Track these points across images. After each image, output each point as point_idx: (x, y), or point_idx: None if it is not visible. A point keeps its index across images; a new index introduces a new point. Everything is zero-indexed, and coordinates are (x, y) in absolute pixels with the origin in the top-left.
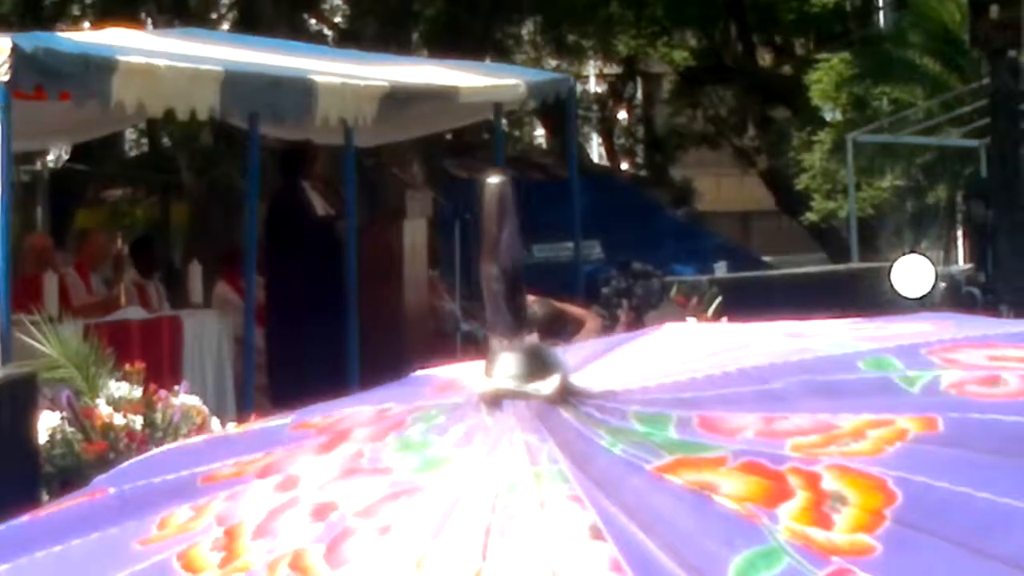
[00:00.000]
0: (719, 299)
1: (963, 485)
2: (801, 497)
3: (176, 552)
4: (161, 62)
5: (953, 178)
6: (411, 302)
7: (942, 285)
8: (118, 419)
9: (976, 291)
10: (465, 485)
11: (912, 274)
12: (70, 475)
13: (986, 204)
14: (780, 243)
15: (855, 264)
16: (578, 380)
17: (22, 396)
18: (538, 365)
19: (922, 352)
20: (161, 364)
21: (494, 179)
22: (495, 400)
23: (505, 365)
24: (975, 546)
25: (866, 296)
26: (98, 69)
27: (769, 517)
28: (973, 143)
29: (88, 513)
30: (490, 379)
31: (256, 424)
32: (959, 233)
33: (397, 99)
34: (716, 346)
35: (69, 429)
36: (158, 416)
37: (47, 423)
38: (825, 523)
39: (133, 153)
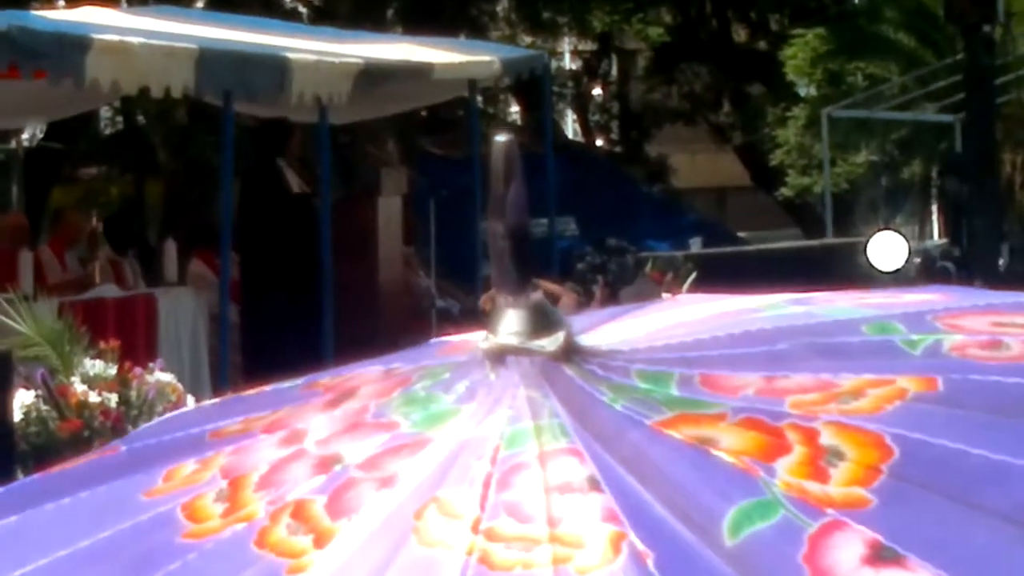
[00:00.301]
0: (694, 275)
1: (960, 442)
2: (798, 452)
3: (180, 503)
4: (135, 40)
5: (928, 153)
6: (386, 279)
7: (916, 260)
8: (93, 397)
9: (950, 265)
10: (467, 438)
11: (886, 249)
12: (45, 453)
13: (961, 179)
14: (755, 219)
15: (830, 239)
16: (584, 340)
17: None
18: (543, 322)
19: (927, 318)
20: (136, 342)
21: (501, 137)
22: (499, 356)
23: (510, 322)
24: (970, 500)
25: (841, 271)
26: (72, 47)
27: (766, 471)
28: (948, 118)
29: (97, 468)
30: (494, 336)
31: (269, 386)
32: (934, 208)
33: (372, 76)
34: (724, 311)
35: (44, 407)
36: (133, 394)
37: (22, 401)
38: (821, 477)
39: (108, 131)
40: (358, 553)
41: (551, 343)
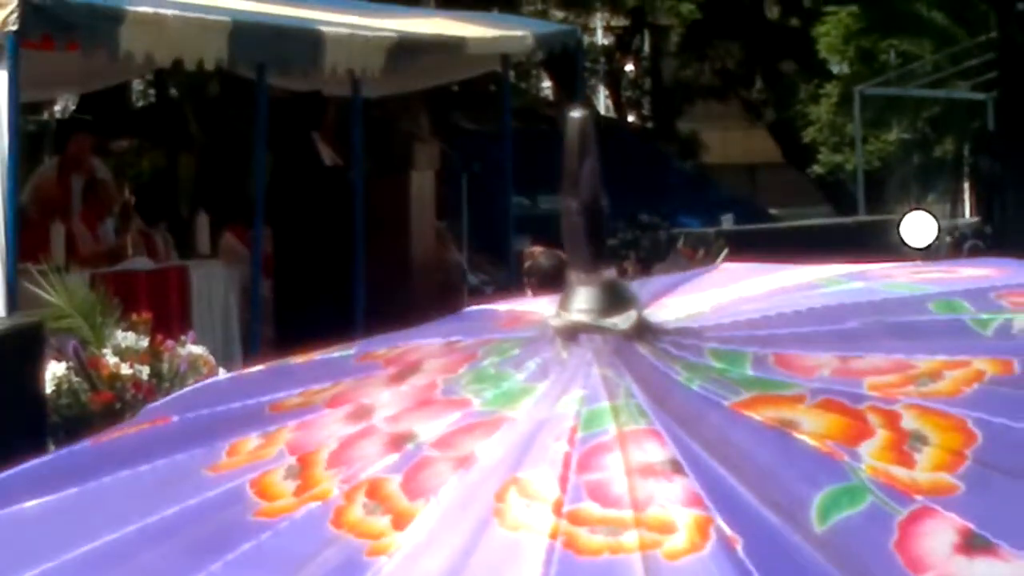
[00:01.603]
0: (726, 251)
1: None
2: (881, 436)
3: (249, 479)
4: (169, 12)
5: (960, 131)
6: (418, 253)
7: (947, 238)
8: (124, 369)
9: (981, 243)
10: (543, 418)
11: (918, 227)
12: (76, 425)
13: (993, 157)
14: (787, 195)
15: (862, 216)
16: (652, 316)
17: (29, 345)
18: (615, 300)
19: (991, 295)
20: (168, 314)
21: (576, 112)
22: (571, 334)
23: (582, 299)
24: None
25: (872, 248)
26: (106, 19)
27: (851, 455)
28: (980, 96)
29: (153, 439)
30: (566, 313)
31: (316, 355)
32: (966, 186)
33: (405, 50)
34: (783, 286)
35: (75, 379)
36: (164, 366)
37: (53, 373)
38: (907, 462)
39: (140, 104)
40: (439, 535)
41: (624, 321)
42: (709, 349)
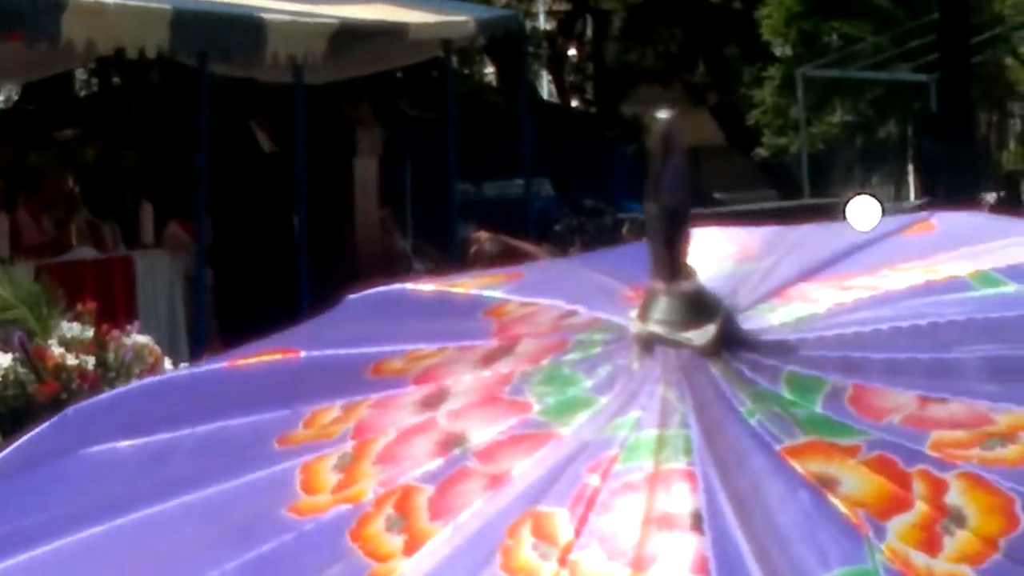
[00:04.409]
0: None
1: None
2: (919, 510)
3: (302, 462)
4: (110, 0)
5: (903, 113)
6: (362, 240)
7: None
8: (70, 360)
9: None
10: (588, 440)
11: (863, 212)
12: (22, 416)
13: (936, 139)
14: (731, 179)
15: (807, 200)
16: (752, 321)
17: None
18: (697, 312)
19: None
20: (113, 304)
21: (662, 114)
22: (647, 344)
23: (660, 309)
24: None
25: None
26: (47, 8)
27: (876, 530)
28: (923, 78)
29: (259, 383)
30: (643, 323)
31: (449, 283)
32: (910, 168)
33: (346, 36)
34: (935, 277)
35: (21, 370)
36: (110, 356)
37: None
38: (933, 547)
39: (84, 93)
40: (441, 570)
41: (700, 336)
42: (787, 373)
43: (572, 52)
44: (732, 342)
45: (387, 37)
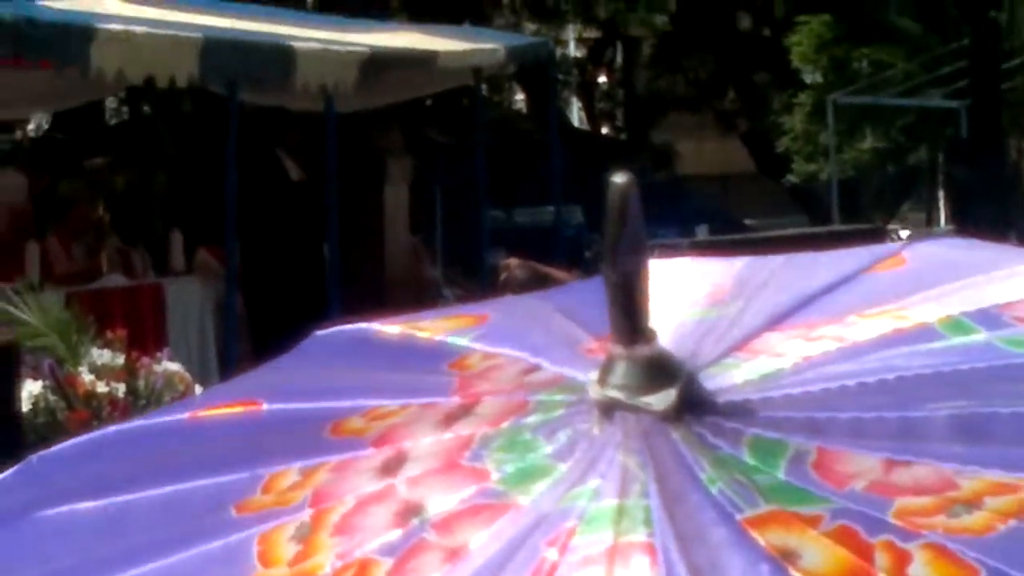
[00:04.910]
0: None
1: None
2: None
3: (260, 532)
4: (140, 29)
5: (934, 140)
6: (393, 268)
7: None
8: (101, 387)
9: None
10: (546, 512)
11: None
12: (53, 444)
13: (967, 165)
14: (761, 206)
15: (837, 226)
16: (714, 380)
17: (4, 364)
18: (657, 376)
19: None
20: (143, 332)
21: (618, 178)
22: (607, 410)
23: (620, 373)
24: None
25: None
26: (77, 37)
27: None
28: (954, 104)
29: (219, 438)
30: (602, 387)
31: (436, 329)
32: (940, 195)
33: (377, 65)
34: (903, 326)
35: (52, 397)
36: (140, 383)
37: (30, 391)
38: None
39: (114, 122)
40: None
41: (661, 400)
42: (749, 437)
43: (602, 79)
44: (694, 405)
45: (417, 65)
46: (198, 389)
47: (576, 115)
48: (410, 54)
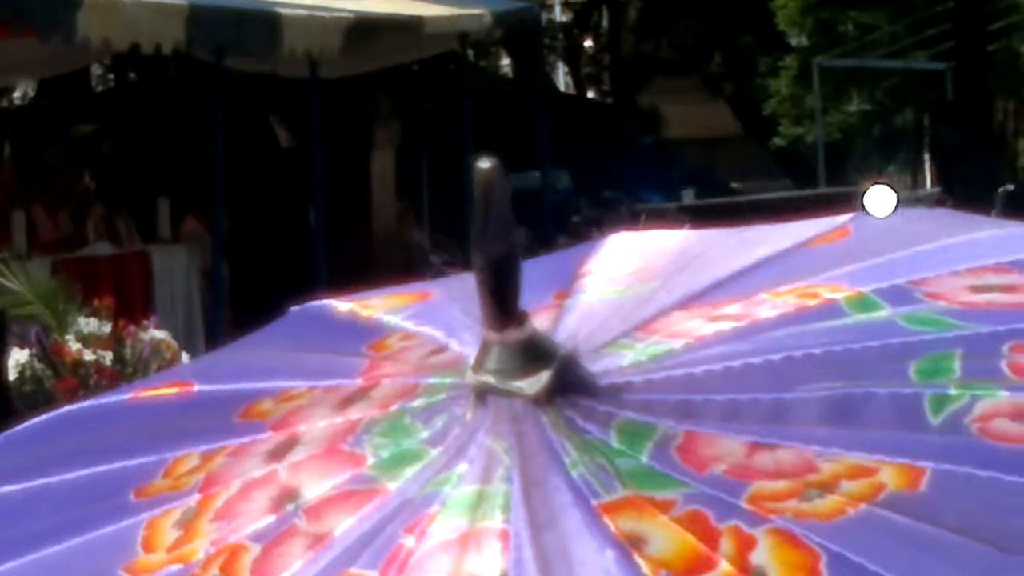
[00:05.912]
0: (687, 226)
1: None
2: (721, 571)
3: (149, 518)
4: None
5: (920, 102)
6: (380, 233)
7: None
8: (87, 355)
9: None
10: (410, 498)
11: (879, 200)
12: (40, 412)
13: (952, 127)
14: (747, 169)
15: (823, 188)
16: (600, 362)
17: None
18: (530, 359)
19: (1005, 349)
20: (130, 300)
21: (483, 164)
22: (481, 395)
23: (493, 358)
24: None
25: None
26: (62, 4)
27: None
28: (939, 66)
29: (143, 421)
30: (476, 372)
31: (378, 307)
32: (926, 156)
33: (362, 30)
34: (809, 303)
35: (39, 366)
36: (127, 351)
37: (17, 360)
38: None
39: (100, 89)
40: None
41: (532, 384)
42: (620, 420)
43: (588, 43)
44: (569, 389)
45: (403, 30)
46: (184, 357)
47: (562, 80)
48: (395, 19)
